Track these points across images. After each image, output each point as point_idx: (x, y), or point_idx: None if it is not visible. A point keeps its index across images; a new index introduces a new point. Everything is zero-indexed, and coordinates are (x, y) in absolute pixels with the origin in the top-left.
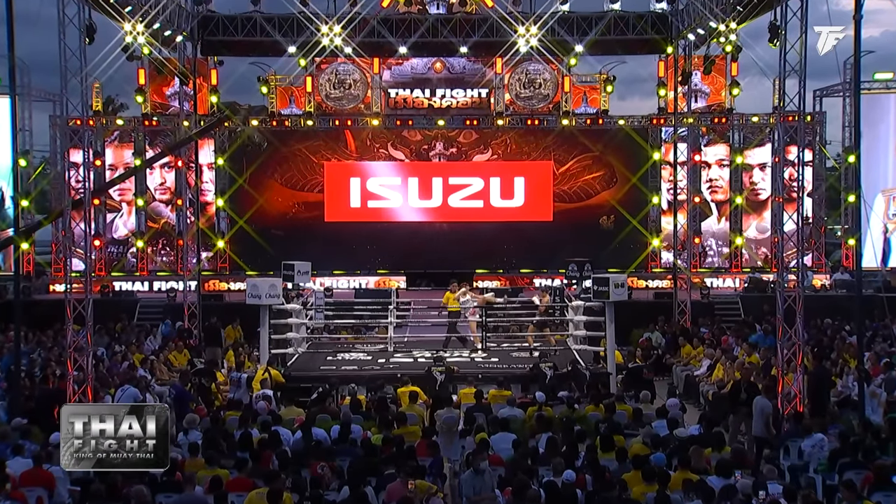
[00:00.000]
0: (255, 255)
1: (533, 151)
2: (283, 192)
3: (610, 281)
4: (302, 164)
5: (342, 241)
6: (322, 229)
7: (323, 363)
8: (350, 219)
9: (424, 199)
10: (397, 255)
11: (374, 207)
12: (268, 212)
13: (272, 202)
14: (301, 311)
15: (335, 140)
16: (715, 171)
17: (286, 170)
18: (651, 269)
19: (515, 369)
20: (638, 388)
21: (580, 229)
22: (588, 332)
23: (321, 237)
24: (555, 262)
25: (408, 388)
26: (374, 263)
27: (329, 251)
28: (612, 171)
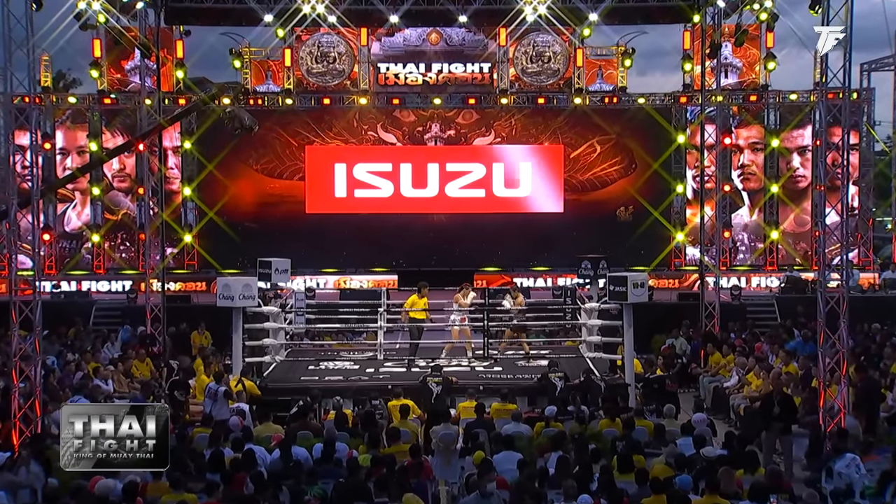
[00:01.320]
0: (227, 252)
1: (541, 134)
2: (258, 179)
3: (628, 280)
4: (280, 148)
5: (326, 236)
6: (303, 222)
7: (304, 373)
8: (335, 210)
9: (419, 188)
10: (388, 252)
11: (362, 197)
12: (241, 202)
13: (246, 191)
14: (279, 315)
15: (318, 121)
16: (747, 157)
17: (262, 155)
18: (675, 267)
19: (521, 380)
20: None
21: (594, 222)
22: (603, 339)
23: (302, 231)
24: (566, 259)
25: (400, 401)
26: (362, 261)
27: (311, 247)
28: (631, 156)
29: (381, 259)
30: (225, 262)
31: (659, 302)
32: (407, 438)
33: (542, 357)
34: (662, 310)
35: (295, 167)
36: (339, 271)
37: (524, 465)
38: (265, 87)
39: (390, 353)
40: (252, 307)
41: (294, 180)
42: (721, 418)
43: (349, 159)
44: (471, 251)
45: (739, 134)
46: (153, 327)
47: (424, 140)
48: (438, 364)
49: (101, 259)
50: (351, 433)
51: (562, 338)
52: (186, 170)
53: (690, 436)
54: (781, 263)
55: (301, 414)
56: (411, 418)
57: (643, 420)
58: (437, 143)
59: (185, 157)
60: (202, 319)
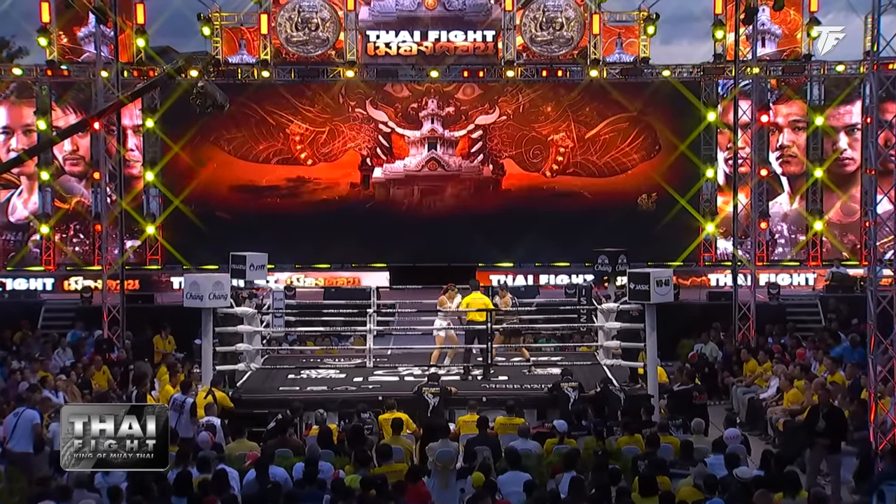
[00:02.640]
0: (195, 245)
1: (552, 112)
2: (231, 163)
3: (651, 277)
4: (255, 127)
5: (307, 227)
6: (281, 211)
7: (283, 383)
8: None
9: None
10: (378, 244)
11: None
12: (212, 189)
13: (217, 176)
14: (255, 317)
15: (298, 96)
16: (787, 136)
17: (235, 135)
18: (704, 263)
19: (529, 390)
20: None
21: (612, 211)
22: (623, 344)
23: (280, 222)
24: (580, 253)
25: (392, 414)
26: (349, 255)
27: (290, 239)
28: (655, 136)
29: (370, 252)
30: (193, 257)
31: (686, 302)
32: (400, 457)
33: (552, 364)
34: (690, 311)
35: (273, 149)
36: (324, 267)
37: (533, 486)
38: (238, 58)
39: (381, 360)
40: (224, 308)
41: (272, 164)
42: (757, 434)
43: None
44: (472, 244)
45: (778, 111)
46: (111, 331)
47: (419, 118)
48: (435, 373)
49: (50, 253)
50: (336, 451)
51: (576, 342)
52: (149, 152)
53: (722, 454)
54: (826, 258)
55: (279, 429)
56: (405, 434)
57: (668, 436)
58: (435, 122)
59: (147, 137)
60: (167, 322)
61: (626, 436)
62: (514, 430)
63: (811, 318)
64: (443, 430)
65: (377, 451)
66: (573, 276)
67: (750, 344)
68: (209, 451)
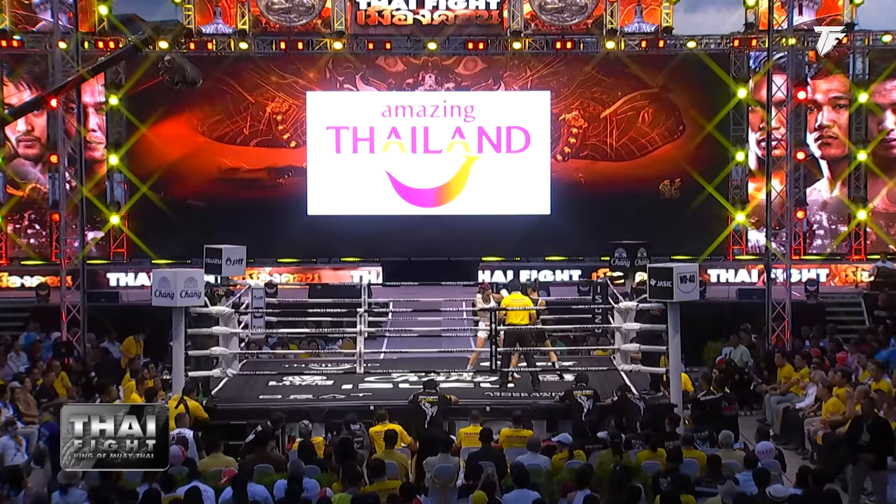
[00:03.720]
0: (164, 237)
1: (563, 88)
2: (205, 145)
3: (674, 273)
4: (233, 105)
5: (291, 217)
6: (262, 199)
7: (263, 391)
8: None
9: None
10: (370, 237)
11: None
12: (184, 174)
13: (190, 160)
14: (232, 317)
15: (281, 71)
16: (827, 115)
17: (210, 114)
18: (733, 257)
19: (538, 399)
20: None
21: (631, 199)
22: (643, 347)
23: (261, 211)
24: (595, 246)
25: (385, 425)
26: (337, 248)
27: (271, 231)
28: (678, 115)
29: (360, 246)
30: (162, 250)
31: (714, 300)
32: (394, 473)
33: (564, 370)
34: (718, 310)
35: (252, 129)
36: (308, 262)
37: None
38: (213, 28)
39: (372, 365)
40: (197, 307)
41: (251, 146)
42: (793, 448)
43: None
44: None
45: (817, 86)
46: (70, 333)
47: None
48: (433, 379)
49: (2, 246)
50: (322, 466)
51: (590, 346)
52: (113, 133)
53: (753, 470)
54: (870, 251)
55: (259, 442)
56: (399, 447)
57: (693, 450)
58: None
59: (110, 116)
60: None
61: (646, 450)
62: (521, 444)
63: (853, 318)
64: (442, 444)
65: (368, 467)
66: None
67: (785, 347)
68: (180, 466)
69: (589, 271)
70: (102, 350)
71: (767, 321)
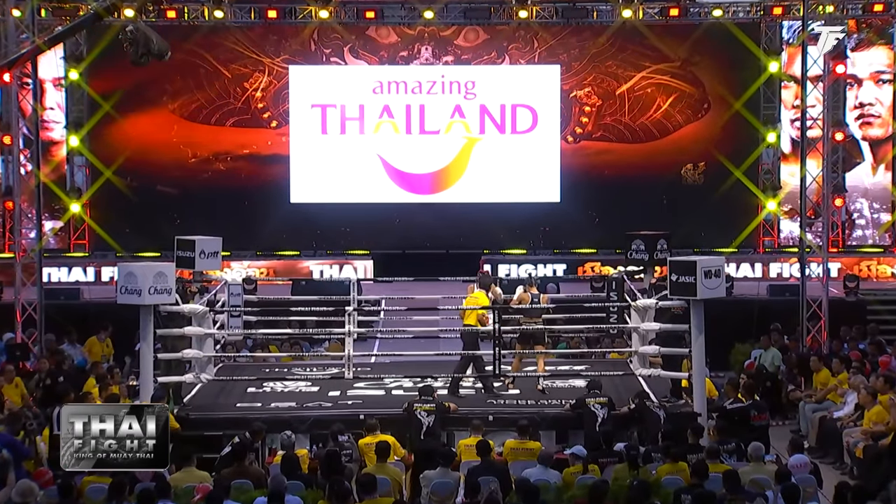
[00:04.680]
0: (131, 227)
1: (575, 62)
2: (177, 125)
3: (698, 267)
4: (207, 81)
5: (272, 205)
6: (240, 186)
7: (241, 398)
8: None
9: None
10: (359, 228)
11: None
12: (153, 157)
13: (160, 142)
14: (206, 316)
15: (259, 42)
16: (869, 92)
17: (182, 91)
18: (764, 249)
19: (547, 407)
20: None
21: (650, 186)
22: (663, 349)
23: (238, 198)
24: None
25: (376, 436)
26: (324, 240)
27: (250, 220)
28: (703, 92)
29: (349, 237)
30: (129, 242)
31: (742, 297)
32: (386, 489)
33: (575, 375)
34: (747, 309)
35: (229, 108)
36: (291, 255)
37: None
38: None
39: (362, 369)
40: (167, 305)
41: (227, 126)
42: (830, 462)
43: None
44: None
45: (857, 60)
46: (26, 334)
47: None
48: (429, 385)
49: None
50: (307, 482)
51: (604, 348)
52: (73, 111)
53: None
54: None
55: (237, 455)
56: (392, 461)
57: (719, 464)
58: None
59: (71, 92)
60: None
61: (667, 463)
62: (527, 456)
63: None
64: (440, 457)
65: (358, 483)
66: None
67: (821, 350)
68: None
69: (575, 265)
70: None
71: (802, 321)
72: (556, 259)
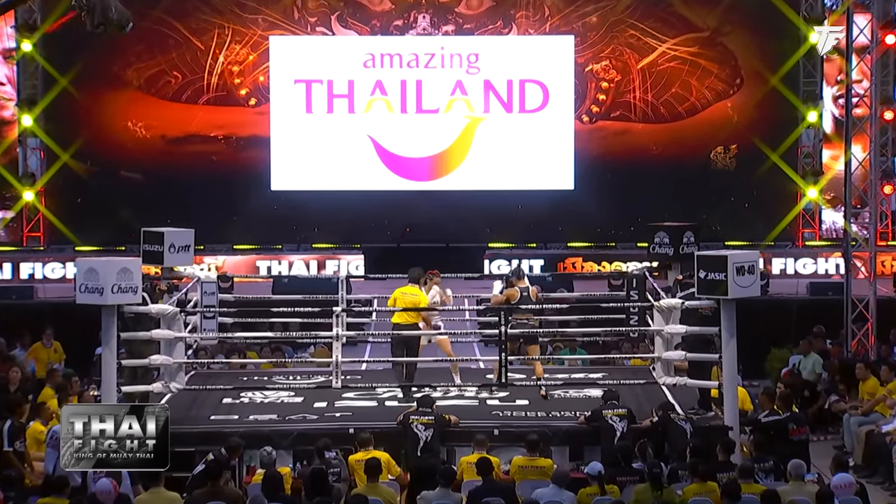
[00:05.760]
0: (91, 217)
1: (591, 32)
2: (143, 103)
3: (729, 262)
4: (177, 53)
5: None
6: (214, 171)
7: (216, 409)
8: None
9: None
10: (349, 218)
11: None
12: (116, 139)
13: (124, 122)
14: (176, 318)
15: (235, 9)
16: None
17: (149, 64)
18: (804, 242)
19: (559, 420)
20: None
21: (676, 170)
22: (690, 355)
23: (213, 186)
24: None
25: (367, 452)
26: (308, 232)
27: (226, 210)
28: (735, 65)
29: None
30: (89, 235)
31: (779, 297)
32: None
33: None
34: (784, 309)
35: (201, 84)
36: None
37: None
38: None
39: (352, 377)
40: (133, 305)
41: (200, 104)
42: (878, 482)
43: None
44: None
45: None
46: None
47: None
48: (428, 395)
49: None
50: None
51: (624, 353)
52: (26, 87)
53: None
54: None
55: (211, 474)
56: (385, 480)
57: (753, 484)
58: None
59: (23, 66)
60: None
61: (694, 483)
62: (536, 475)
63: None
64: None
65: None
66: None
67: (868, 356)
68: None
69: (555, 261)
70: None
71: (846, 323)
72: (534, 254)
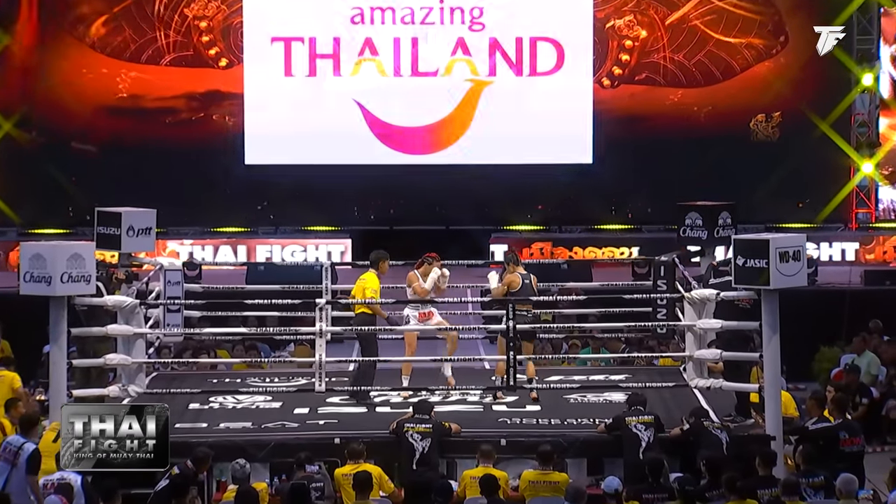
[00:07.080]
0: (38, 196)
1: None
2: (98, 64)
3: (771, 247)
4: (136, 7)
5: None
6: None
7: (181, 416)
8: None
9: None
10: (334, 197)
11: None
12: (66, 105)
13: (75, 86)
14: (136, 311)
15: None
16: None
17: (104, 20)
18: (858, 224)
19: (575, 428)
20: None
21: (710, 142)
22: (726, 354)
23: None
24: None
25: (357, 465)
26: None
27: (194, 187)
28: (778, 20)
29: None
30: (35, 215)
31: (829, 287)
32: None
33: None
34: (835, 301)
35: (165, 43)
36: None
37: None
38: None
39: (338, 379)
40: (86, 297)
41: (162, 65)
42: None
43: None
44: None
45: None
46: None
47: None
48: (425, 401)
49: None
50: None
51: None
52: None
53: None
54: None
55: (176, 491)
56: (376, 497)
57: (799, 502)
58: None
59: None
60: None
61: (731, 501)
62: (549, 491)
63: None
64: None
65: None
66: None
67: None
68: None
69: (571, 245)
70: None
71: None
72: (547, 237)
